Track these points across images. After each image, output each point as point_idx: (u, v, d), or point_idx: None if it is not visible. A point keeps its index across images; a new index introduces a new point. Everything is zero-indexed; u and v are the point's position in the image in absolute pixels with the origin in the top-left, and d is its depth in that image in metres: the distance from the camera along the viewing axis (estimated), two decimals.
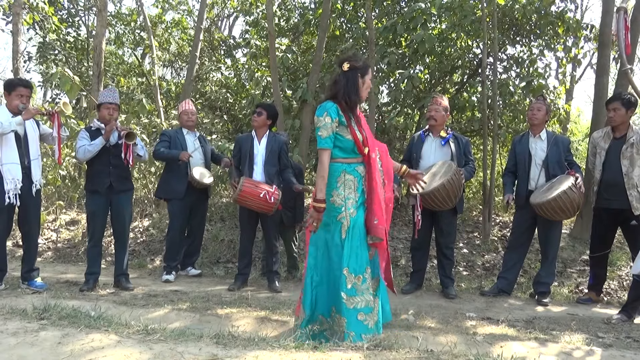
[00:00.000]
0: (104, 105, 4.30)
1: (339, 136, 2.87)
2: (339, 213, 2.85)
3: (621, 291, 5.03)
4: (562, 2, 6.96)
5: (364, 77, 2.91)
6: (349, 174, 2.88)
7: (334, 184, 2.87)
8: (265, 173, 4.50)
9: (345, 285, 2.77)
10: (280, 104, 6.68)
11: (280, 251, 5.59)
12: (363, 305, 2.78)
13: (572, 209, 4.10)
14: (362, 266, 2.82)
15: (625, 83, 6.19)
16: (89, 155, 4.16)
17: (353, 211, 2.85)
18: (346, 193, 2.86)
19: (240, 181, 4.32)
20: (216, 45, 11.38)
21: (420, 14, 6.79)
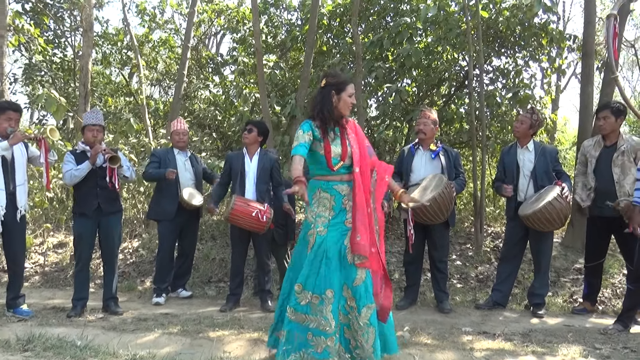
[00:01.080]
0: (88, 127, 4.23)
1: (316, 153, 2.85)
2: (309, 229, 2.82)
3: (615, 299, 5.02)
4: (545, 14, 7.04)
5: (339, 93, 2.87)
6: (325, 192, 2.84)
7: (309, 200, 2.83)
8: (257, 191, 4.46)
9: (297, 301, 2.70)
10: (269, 120, 6.66)
11: (273, 269, 5.53)
12: (315, 325, 2.65)
13: (560, 219, 4.09)
14: (322, 286, 2.68)
15: (610, 92, 6.28)
16: (75, 180, 4.10)
17: (322, 229, 2.77)
18: (318, 211, 2.81)
19: (232, 200, 4.27)
20: (204, 63, 11.38)
21: (406, 28, 6.85)
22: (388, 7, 7.89)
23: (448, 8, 7.34)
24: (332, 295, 2.68)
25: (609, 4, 13.63)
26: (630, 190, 4.04)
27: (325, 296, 2.67)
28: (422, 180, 4.29)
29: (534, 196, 4.30)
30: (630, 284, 3.83)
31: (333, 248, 2.75)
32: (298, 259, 2.88)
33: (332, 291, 2.69)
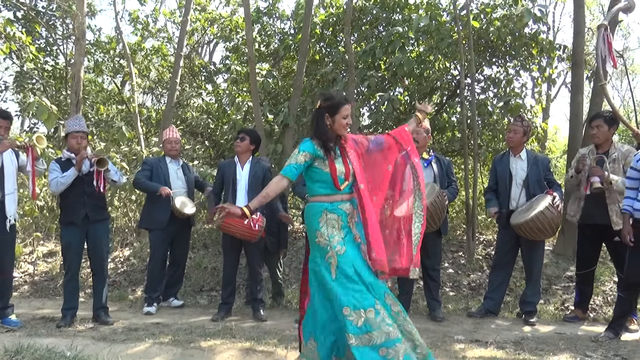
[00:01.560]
0: (71, 134, 4.20)
1: (317, 170, 2.82)
2: (326, 253, 2.70)
3: (606, 307, 5.04)
4: (535, 24, 7.13)
5: (333, 115, 2.85)
6: (331, 213, 2.78)
7: (316, 224, 2.76)
8: (249, 199, 4.44)
9: (352, 325, 2.55)
10: (261, 128, 6.67)
11: (265, 278, 5.50)
12: (382, 339, 2.52)
13: (551, 228, 4.12)
14: (369, 299, 2.60)
15: (599, 101, 6.34)
16: (61, 188, 4.06)
17: (340, 248, 2.70)
18: (329, 232, 2.74)
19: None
20: (197, 71, 11.39)
21: (398, 37, 6.90)
22: (380, 17, 7.96)
23: (439, 18, 7.42)
24: (381, 305, 2.62)
25: (598, 14, 13.83)
26: (619, 197, 4.07)
27: (376, 307, 2.59)
28: None
29: (525, 205, 4.32)
30: (621, 291, 3.86)
31: (359, 262, 2.70)
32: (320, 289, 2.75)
33: (378, 301, 2.63)
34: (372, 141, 2.98)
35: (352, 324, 2.55)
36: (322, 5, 8.78)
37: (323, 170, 2.81)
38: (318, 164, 2.82)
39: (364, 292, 2.61)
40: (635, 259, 3.68)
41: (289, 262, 6.28)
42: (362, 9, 8.22)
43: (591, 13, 13.75)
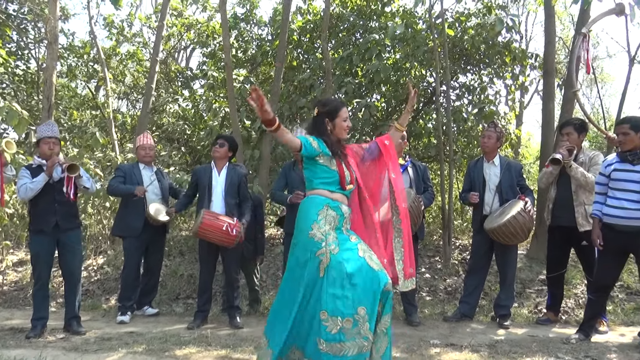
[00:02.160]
0: (43, 140, 4.10)
1: (323, 167, 2.80)
2: (319, 249, 2.63)
3: (578, 309, 5.15)
4: (507, 33, 7.30)
5: (333, 120, 2.88)
6: (332, 210, 2.75)
7: (315, 215, 2.70)
8: (226, 205, 4.42)
9: (326, 330, 2.49)
10: (239, 134, 6.64)
11: (242, 285, 5.46)
12: (355, 352, 2.48)
13: (523, 233, 4.21)
14: (350, 307, 2.52)
15: (570, 108, 6.52)
16: (30, 194, 3.96)
17: (335, 248, 2.63)
18: (326, 228, 2.68)
19: (200, 213, 4.21)
20: (173, 77, 11.29)
21: (374, 45, 6.97)
22: (357, 24, 8.03)
23: (415, 26, 7.53)
24: (364, 313, 2.53)
25: (568, 24, 14.21)
26: (585, 199, 4.19)
27: (358, 316, 2.52)
28: None
29: (498, 210, 4.40)
30: (591, 294, 3.95)
31: (353, 264, 2.61)
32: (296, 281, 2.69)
33: (364, 308, 2.54)
34: (367, 150, 3.01)
35: (326, 330, 2.50)
36: (299, 12, 8.81)
37: (330, 168, 2.81)
38: (324, 161, 2.81)
39: (347, 300, 2.54)
40: (604, 262, 3.77)
41: (266, 269, 6.25)
42: (339, 16, 8.29)
43: (562, 23, 14.12)
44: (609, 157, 3.98)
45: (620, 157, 3.74)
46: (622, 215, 3.61)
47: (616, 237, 3.65)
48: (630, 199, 3.59)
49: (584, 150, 4.40)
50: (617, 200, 3.66)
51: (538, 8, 10.29)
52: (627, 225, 3.57)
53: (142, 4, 14.80)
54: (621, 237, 3.61)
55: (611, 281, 3.85)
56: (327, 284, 2.57)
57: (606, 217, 3.72)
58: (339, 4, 8.58)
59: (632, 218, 3.57)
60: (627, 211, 3.59)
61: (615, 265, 3.78)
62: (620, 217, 3.62)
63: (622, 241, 3.62)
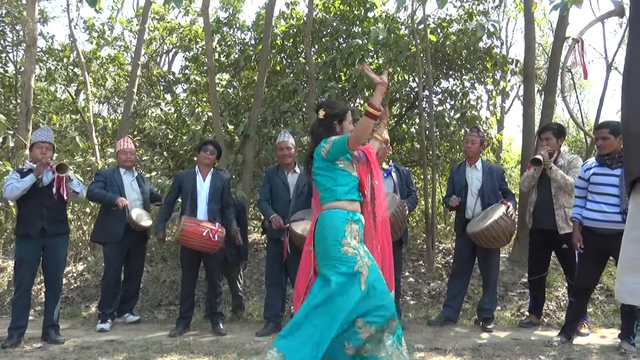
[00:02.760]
0: (36, 144, 4.06)
1: (344, 172, 2.70)
2: (355, 263, 2.54)
3: (559, 312, 5.21)
4: (488, 39, 7.39)
5: (341, 122, 2.83)
6: (355, 224, 2.67)
7: (343, 232, 2.59)
8: (209, 211, 4.37)
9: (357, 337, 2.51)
10: (222, 139, 6.59)
11: (225, 290, 5.41)
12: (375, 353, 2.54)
13: (505, 237, 4.26)
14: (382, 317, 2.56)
15: (549, 113, 6.61)
16: (16, 193, 3.88)
17: (367, 260, 2.59)
18: (355, 243, 2.62)
19: (181, 220, 4.16)
20: (155, 80, 11.17)
21: (358, 49, 7.00)
22: (340, 29, 8.06)
23: (398, 31, 7.58)
24: (395, 325, 2.58)
25: (547, 30, 14.46)
26: (565, 202, 4.25)
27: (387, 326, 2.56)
28: None
29: (481, 214, 4.43)
30: (572, 296, 4.00)
31: (379, 278, 2.63)
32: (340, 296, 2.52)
33: (395, 320, 2.59)
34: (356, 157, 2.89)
35: (357, 336, 2.51)
36: (282, 17, 8.81)
37: (351, 173, 2.72)
38: (344, 165, 2.71)
39: (382, 309, 2.55)
40: (585, 265, 3.83)
41: (249, 274, 6.20)
42: (322, 21, 8.30)
43: (541, 29, 14.36)
44: (588, 161, 4.05)
45: (599, 161, 3.80)
46: (601, 219, 3.67)
47: (596, 240, 3.70)
48: (609, 203, 3.65)
49: (563, 154, 4.47)
50: (596, 204, 3.71)
51: (518, 15, 10.47)
52: (606, 229, 3.63)
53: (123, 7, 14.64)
54: (601, 240, 3.66)
55: (592, 283, 3.91)
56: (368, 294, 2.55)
57: (586, 220, 3.78)
58: (322, 9, 8.60)
59: (611, 221, 3.62)
60: (606, 214, 3.65)
61: (596, 268, 3.83)
62: (599, 220, 3.68)
63: (602, 244, 3.67)
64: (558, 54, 6.69)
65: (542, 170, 4.36)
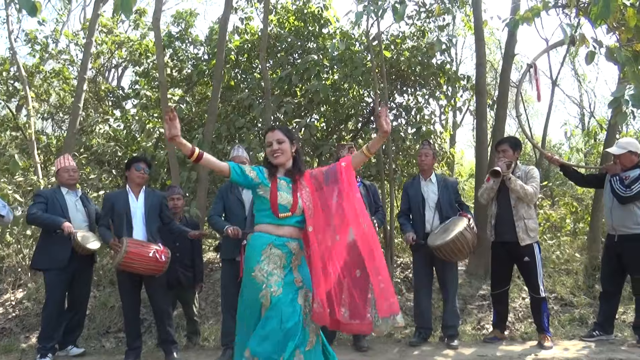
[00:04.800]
0: None
1: (262, 198, 2.73)
2: (260, 291, 2.56)
3: (518, 323, 5.26)
4: (441, 55, 7.56)
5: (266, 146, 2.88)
6: (276, 248, 2.63)
7: (258, 256, 2.61)
8: (148, 231, 4.11)
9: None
10: (174, 155, 6.36)
11: (179, 314, 5.15)
12: None
13: (468, 249, 4.26)
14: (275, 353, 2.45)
15: (501, 127, 6.81)
16: None
17: (276, 289, 2.54)
18: (270, 268, 2.58)
19: (123, 242, 3.86)
20: (103, 96, 10.73)
21: (313, 65, 6.97)
22: (295, 45, 8.03)
23: (353, 47, 7.62)
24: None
25: (495, 49, 15.05)
26: (524, 214, 4.30)
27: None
28: None
29: (440, 227, 4.41)
30: None
31: (288, 310, 2.52)
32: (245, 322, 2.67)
33: (283, 357, 2.46)
34: (325, 173, 2.82)
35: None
36: (236, 32, 8.69)
37: (265, 197, 2.71)
38: (263, 192, 2.72)
39: (276, 344, 2.46)
40: None
41: (205, 296, 5.94)
42: (277, 36, 8.25)
43: (488, 47, 14.91)
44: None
45: None
46: None
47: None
48: None
49: (520, 165, 4.54)
50: None
51: (467, 33, 10.80)
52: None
53: (69, 20, 14.11)
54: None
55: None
56: (263, 325, 2.51)
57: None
58: (276, 24, 8.55)
59: None
60: None
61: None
62: None
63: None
64: (508, 70, 6.92)
65: (500, 183, 4.40)
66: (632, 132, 9.42)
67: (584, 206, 8.63)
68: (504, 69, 6.92)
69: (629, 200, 4.21)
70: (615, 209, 4.36)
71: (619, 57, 3.39)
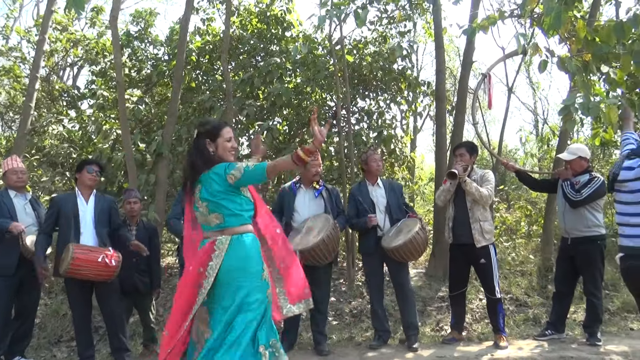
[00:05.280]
0: None
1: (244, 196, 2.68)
2: (267, 288, 2.66)
3: (476, 324, 5.38)
4: (402, 61, 7.69)
5: (215, 140, 2.70)
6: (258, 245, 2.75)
7: (259, 257, 2.68)
8: (98, 235, 3.97)
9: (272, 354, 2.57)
10: (132, 158, 6.19)
11: (135, 321, 5.01)
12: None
13: (423, 249, 4.36)
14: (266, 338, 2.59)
15: (459, 132, 6.97)
16: None
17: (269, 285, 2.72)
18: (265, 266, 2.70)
19: (68, 249, 3.70)
20: (57, 95, 10.34)
21: (276, 68, 6.95)
22: (258, 47, 7.98)
23: (315, 51, 7.64)
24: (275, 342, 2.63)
25: (454, 56, 15.42)
26: (480, 216, 4.40)
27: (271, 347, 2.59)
28: (306, 221, 4.23)
29: (392, 229, 4.46)
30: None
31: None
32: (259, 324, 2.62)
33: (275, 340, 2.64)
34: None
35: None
36: (197, 33, 8.57)
37: (249, 197, 2.71)
38: (245, 191, 2.70)
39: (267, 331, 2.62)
40: None
41: (162, 302, 5.79)
42: (239, 39, 8.18)
43: (448, 54, 15.27)
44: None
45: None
46: None
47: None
48: None
49: (476, 169, 4.66)
50: None
51: (427, 40, 11.02)
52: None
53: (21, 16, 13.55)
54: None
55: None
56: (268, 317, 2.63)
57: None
58: (239, 26, 8.47)
59: None
60: None
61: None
62: None
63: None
64: (466, 76, 7.10)
65: (457, 186, 4.49)
66: (582, 138, 9.83)
67: (538, 209, 8.95)
68: (463, 76, 7.10)
69: (579, 204, 4.37)
70: (567, 213, 4.53)
71: (570, 67, 3.52)
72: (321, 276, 4.31)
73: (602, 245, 4.50)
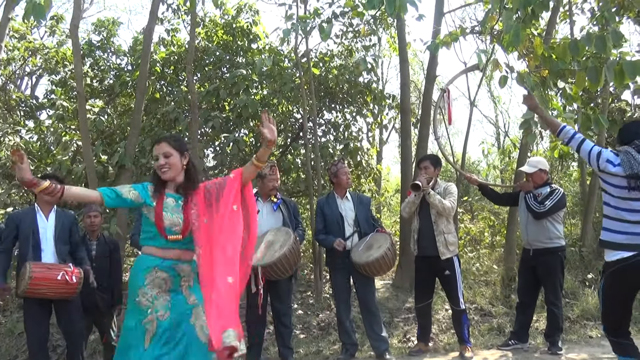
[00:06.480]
0: None
1: (146, 218, 2.57)
2: (145, 316, 2.42)
3: (442, 335, 5.43)
4: (368, 75, 7.79)
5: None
6: (162, 271, 2.50)
7: (142, 280, 2.47)
8: (58, 252, 3.81)
9: None
10: (93, 169, 6.01)
11: (96, 339, 4.84)
12: None
13: (392, 265, 4.40)
14: None
15: (424, 145, 7.09)
16: None
17: (163, 313, 2.44)
18: (154, 292, 2.45)
19: (25, 268, 3.54)
20: (14, 105, 9.99)
21: (242, 80, 6.92)
22: (224, 59, 7.94)
23: (282, 63, 7.66)
24: None
25: (418, 70, 15.74)
26: (444, 228, 4.45)
27: None
28: (265, 234, 4.18)
29: (362, 244, 4.43)
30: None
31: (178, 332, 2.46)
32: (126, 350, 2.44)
33: None
34: (216, 185, 2.64)
35: None
36: (162, 43, 8.46)
37: (149, 218, 2.55)
38: (147, 212, 2.56)
39: None
40: None
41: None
42: (204, 50, 8.13)
43: (412, 68, 15.58)
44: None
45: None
46: None
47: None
48: None
49: (439, 182, 4.72)
50: None
51: (392, 54, 11.22)
52: None
53: None
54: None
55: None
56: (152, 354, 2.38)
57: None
58: (204, 37, 8.42)
59: None
60: None
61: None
62: None
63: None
64: (430, 90, 7.24)
65: (422, 198, 4.53)
66: (542, 150, 10.15)
67: (501, 220, 9.16)
68: (427, 90, 7.24)
69: (543, 215, 4.49)
70: (530, 225, 4.64)
71: (528, 82, 3.64)
72: (283, 290, 4.28)
73: (562, 256, 4.63)
